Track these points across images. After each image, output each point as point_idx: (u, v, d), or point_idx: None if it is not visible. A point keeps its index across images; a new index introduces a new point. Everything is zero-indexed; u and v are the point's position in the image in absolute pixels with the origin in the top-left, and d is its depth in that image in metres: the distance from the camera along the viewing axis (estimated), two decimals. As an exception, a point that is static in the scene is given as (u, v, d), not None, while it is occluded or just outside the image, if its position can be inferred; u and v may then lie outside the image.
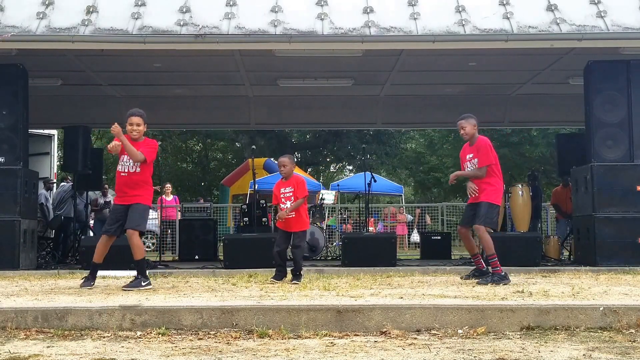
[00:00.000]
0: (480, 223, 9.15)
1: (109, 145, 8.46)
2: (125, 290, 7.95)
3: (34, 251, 12.99)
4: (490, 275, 9.02)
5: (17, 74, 12.68)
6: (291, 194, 9.58)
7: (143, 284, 8.16)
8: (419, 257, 17.03)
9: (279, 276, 9.55)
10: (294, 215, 9.56)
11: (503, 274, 8.98)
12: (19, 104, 12.61)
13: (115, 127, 8.31)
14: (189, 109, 18.00)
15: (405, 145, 41.18)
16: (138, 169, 8.40)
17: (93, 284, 8.46)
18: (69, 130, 14.72)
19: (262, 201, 16.07)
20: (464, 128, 9.29)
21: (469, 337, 5.54)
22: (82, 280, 8.53)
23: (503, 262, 11.92)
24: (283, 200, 9.58)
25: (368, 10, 12.25)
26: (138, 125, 8.55)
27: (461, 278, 9.35)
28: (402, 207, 28.40)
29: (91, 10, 12.12)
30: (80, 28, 11.93)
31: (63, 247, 15.34)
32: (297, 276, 9.47)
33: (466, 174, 9.35)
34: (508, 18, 12.09)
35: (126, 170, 8.42)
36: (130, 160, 8.38)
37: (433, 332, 5.77)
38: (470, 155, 9.32)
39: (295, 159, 35.07)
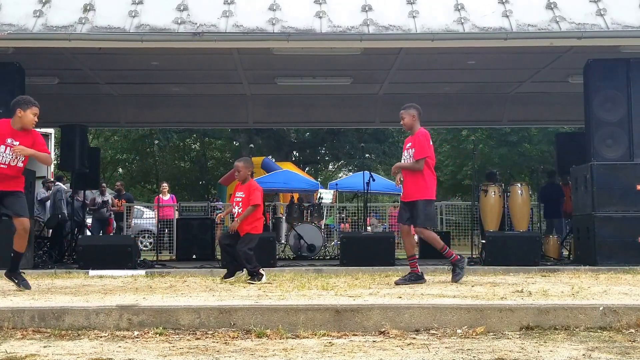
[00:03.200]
0: (420, 225, 8.94)
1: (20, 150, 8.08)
2: None
3: (30, 250, 12.75)
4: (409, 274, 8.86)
5: (14, 72, 12.60)
6: (241, 199, 9.45)
7: None
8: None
9: (229, 274, 9.45)
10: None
11: (420, 273, 8.93)
12: (15, 103, 12.51)
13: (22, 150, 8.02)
14: (186, 107, 17.99)
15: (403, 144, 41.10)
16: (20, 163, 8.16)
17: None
18: (66, 129, 14.66)
19: (260, 200, 15.98)
20: (402, 119, 9.06)
21: (468, 337, 5.50)
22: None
23: (502, 262, 12.02)
24: (234, 204, 9.49)
25: (367, 9, 12.22)
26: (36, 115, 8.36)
27: (395, 283, 8.74)
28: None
29: (88, 8, 12.08)
30: (77, 26, 11.89)
31: (60, 247, 15.26)
32: (252, 275, 9.30)
33: (404, 166, 9.00)
34: (507, 16, 12.06)
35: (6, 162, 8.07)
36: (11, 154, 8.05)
37: (432, 331, 5.73)
38: (409, 145, 9.06)
39: (294, 158, 35.04)
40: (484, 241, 12.97)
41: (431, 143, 9.05)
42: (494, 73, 15.87)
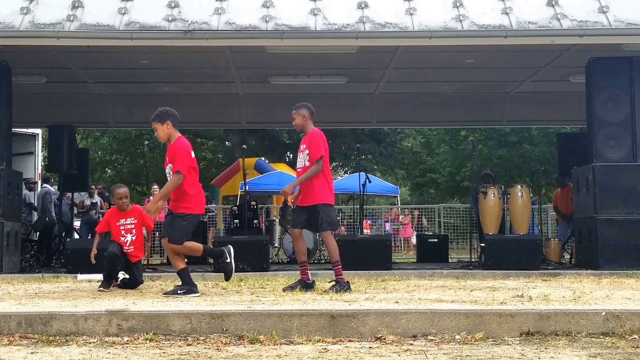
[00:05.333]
0: (324, 229, 8.44)
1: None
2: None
3: (17, 254, 12.80)
4: (337, 284, 8.32)
5: (0, 71, 12.48)
6: (133, 225, 9.06)
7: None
8: (414, 260, 16.80)
9: (107, 284, 8.92)
10: (132, 250, 9.03)
11: (346, 282, 8.38)
12: (1, 102, 12.43)
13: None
14: (177, 107, 17.19)
15: (401, 144, 40.97)
16: None
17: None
18: (54, 129, 14.57)
19: (253, 203, 15.82)
20: (294, 119, 8.70)
21: (467, 343, 5.45)
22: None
23: (502, 266, 11.98)
24: (123, 232, 8.96)
25: (362, 6, 12.17)
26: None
27: (283, 290, 8.34)
28: (398, 208, 28.24)
29: (76, 5, 12.04)
30: (65, 24, 11.84)
31: (47, 250, 15.07)
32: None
33: (303, 179, 8.47)
34: (507, 13, 12.02)
35: None
36: None
37: (430, 337, 5.69)
38: (304, 146, 8.65)
39: (287, 159, 34.85)
40: (483, 244, 12.82)
41: (326, 144, 8.62)
42: (493, 72, 15.81)
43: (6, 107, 12.45)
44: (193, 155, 8.21)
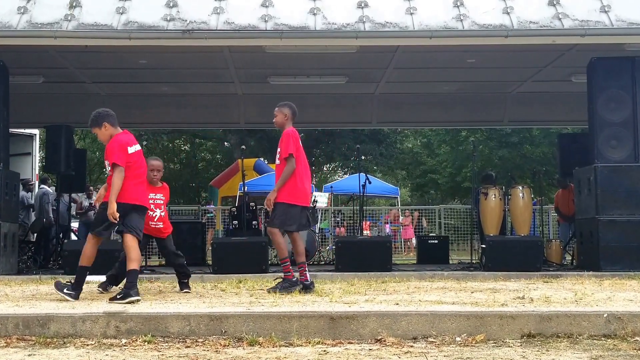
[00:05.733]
0: (274, 225, 8.43)
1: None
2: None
3: (14, 256, 12.70)
4: (283, 281, 8.32)
5: (-3, 70, 12.43)
6: (162, 201, 8.89)
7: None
8: (415, 261, 16.73)
9: (105, 286, 8.68)
10: (162, 225, 8.87)
11: (294, 279, 8.30)
12: (-1, 103, 12.37)
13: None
14: (176, 107, 17.93)
15: (401, 145, 40.90)
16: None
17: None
18: (51, 129, 14.48)
19: (252, 203, 15.71)
20: (275, 116, 8.62)
21: (468, 345, 5.44)
22: None
23: (503, 267, 11.91)
24: (152, 207, 8.66)
25: (362, 5, 12.12)
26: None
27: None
28: (399, 209, 28.18)
29: (74, 4, 11.98)
30: (63, 23, 11.80)
31: (45, 252, 15.00)
32: (186, 284, 8.84)
33: (278, 186, 8.41)
34: (508, 13, 11.96)
35: None
36: None
37: (430, 339, 5.71)
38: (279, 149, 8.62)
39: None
40: (483, 246, 12.77)
41: (300, 143, 8.54)
42: (494, 72, 15.74)
43: (3, 107, 12.36)
44: (132, 150, 7.80)
